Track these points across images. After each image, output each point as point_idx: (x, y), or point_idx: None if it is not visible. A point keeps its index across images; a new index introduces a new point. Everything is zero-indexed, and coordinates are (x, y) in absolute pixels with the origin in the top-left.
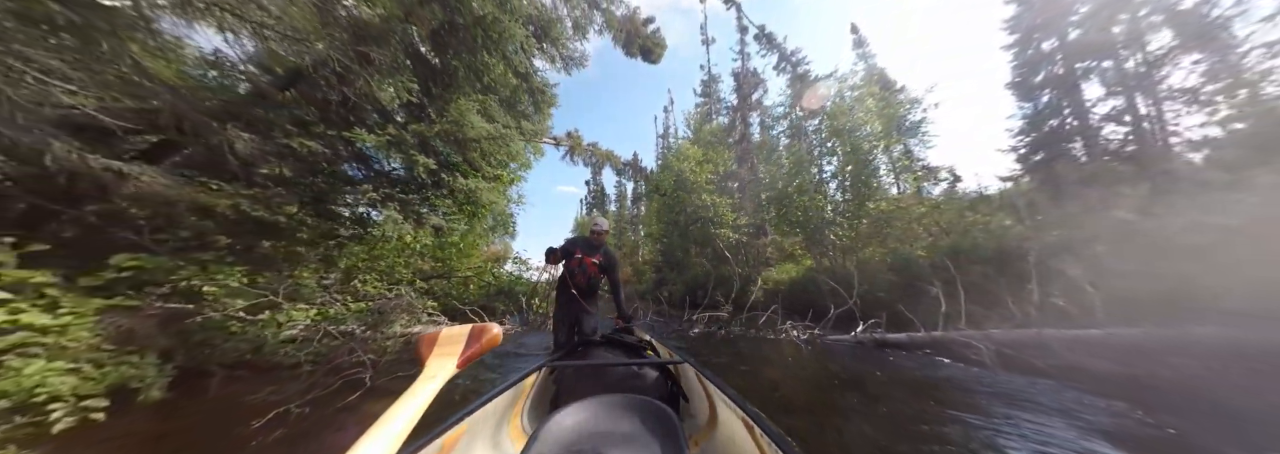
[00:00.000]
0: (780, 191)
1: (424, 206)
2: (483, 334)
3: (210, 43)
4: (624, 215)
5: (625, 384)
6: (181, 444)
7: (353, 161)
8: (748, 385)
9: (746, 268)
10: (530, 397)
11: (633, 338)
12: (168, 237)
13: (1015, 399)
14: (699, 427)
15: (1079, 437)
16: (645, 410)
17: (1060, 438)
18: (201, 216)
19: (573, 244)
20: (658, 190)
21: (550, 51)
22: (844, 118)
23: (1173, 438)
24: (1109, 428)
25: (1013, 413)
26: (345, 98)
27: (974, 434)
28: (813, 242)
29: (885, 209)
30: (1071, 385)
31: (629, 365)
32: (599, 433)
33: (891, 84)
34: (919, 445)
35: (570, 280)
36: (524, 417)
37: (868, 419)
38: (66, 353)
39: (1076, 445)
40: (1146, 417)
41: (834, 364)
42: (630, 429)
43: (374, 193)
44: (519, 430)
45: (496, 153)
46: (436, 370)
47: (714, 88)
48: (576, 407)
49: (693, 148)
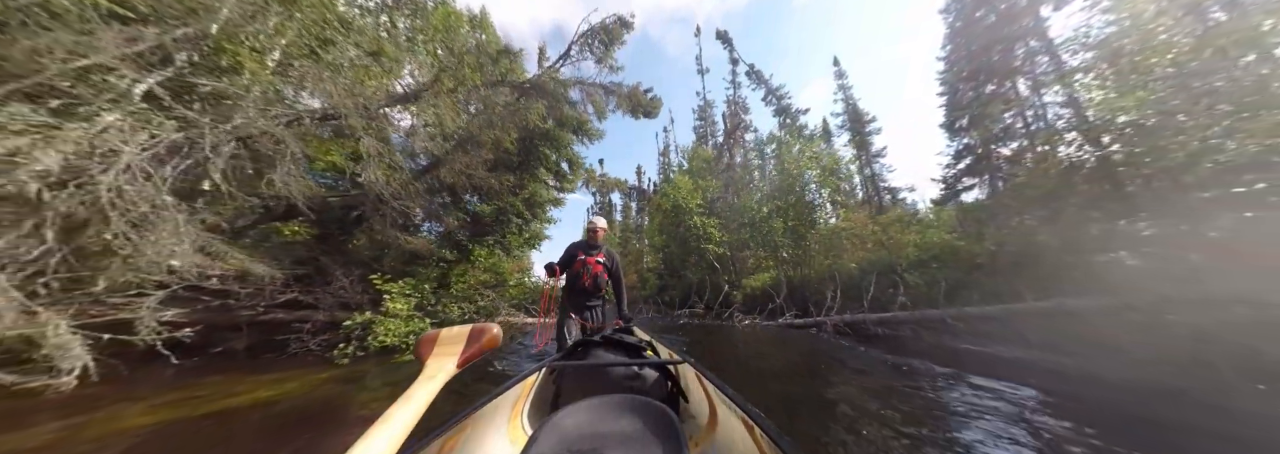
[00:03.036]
0: (748, 219)
1: (502, 241)
2: (482, 334)
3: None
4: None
5: (625, 384)
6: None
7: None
8: (702, 339)
9: (732, 276)
10: (530, 397)
11: (633, 338)
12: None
13: (817, 346)
14: (699, 427)
15: (824, 359)
16: (645, 411)
17: (817, 355)
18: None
19: (573, 249)
20: (659, 209)
21: (582, 138)
22: (791, 166)
23: (893, 362)
24: (847, 358)
25: (813, 349)
26: (469, 180)
27: (788, 357)
28: (772, 257)
29: (823, 233)
30: (847, 339)
31: (629, 365)
32: (599, 433)
33: (862, 115)
34: (758, 359)
35: (577, 283)
36: (524, 417)
37: (745, 349)
38: (395, 319)
39: (820, 360)
40: (880, 353)
41: (750, 336)
42: (630, 429)
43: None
44: (519, 431)
45: (547, 204)
46: (436, 370)
47: (709, 112)
48: (576, 407)
49: (685, 179)
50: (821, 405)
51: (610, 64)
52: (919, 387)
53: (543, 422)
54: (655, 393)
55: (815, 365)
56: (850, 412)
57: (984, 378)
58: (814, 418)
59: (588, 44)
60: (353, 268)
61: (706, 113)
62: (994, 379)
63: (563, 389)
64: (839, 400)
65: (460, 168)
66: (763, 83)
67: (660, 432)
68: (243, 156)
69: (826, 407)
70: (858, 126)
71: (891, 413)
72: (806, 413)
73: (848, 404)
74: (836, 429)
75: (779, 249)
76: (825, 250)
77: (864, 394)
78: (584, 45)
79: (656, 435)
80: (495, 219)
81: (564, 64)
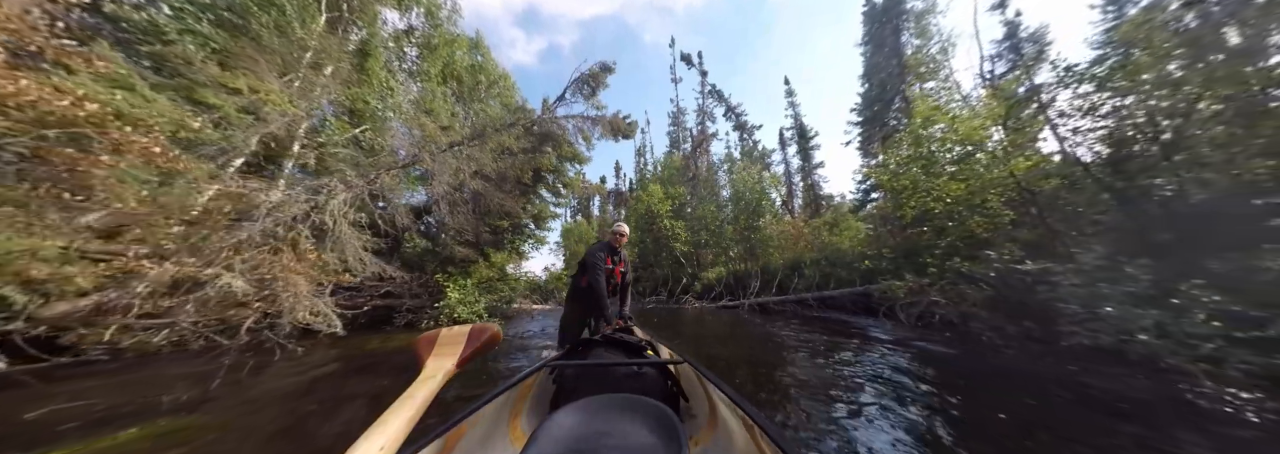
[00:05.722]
0: (706, 225)
1: (513, 246)
2: (482, 333)
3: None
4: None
5: (625, 384)
6: None
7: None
8: (664, 317)
9: (695, 269)
10: (530, 397)
11: (633, 338)
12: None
13: (740, 319)
14: (699, 427)
15: (737, 324)
16: (645, 410)
17: (735, 324)
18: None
19: (599, 253)
20: (633, 210)
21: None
22: (742, 186)
23: (775, 326)
24: (749, 323)
25: (734, 322)
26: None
27: (716, 326)
28: (722, 255)
29: (764, 236)
30: (758, 315)
31: (629, 365)
32: (598, 433)
33: (806, 131)
34: (695, 325)
35: (599, 287)
36: (523, 417)
37: (690, 322)
38: (465, 300)
39: (727, 328)
40: (772, 320)
41: (694, 315)
42: (630, 429)
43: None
44: (519, 431)
45: (548, 218)
46: (435, 370)
47: (681, 118)
48: (576, 407)
49: (657, 187)
50: (729, 344)
51: (595, 104)
52: (783, 334)
53: (542, 421)
54: (655, 392)
55: (731, 328)
56: (741, 346)
57: (819, 331)
58: (725, 348)
59: (579, 88)
60: (412, 268)
61: (679, 118)
62: (820, 331)
63: (562, 389)
64: (737, 341)
65: (497, 200)
66: (723, 100)
67: (660, 431)
68: (372, 196)
69: (730, 343)
70: (803, 142)
71: (763, 348)
72: (721, 348)
73: (740, 342)
74: (736, 350)
75: (728, 249)
76: (763, 250)
77: (752, 338)
78: (577, 90)
79: (656, 435)
80: (511, 229)
81: (559, 106)
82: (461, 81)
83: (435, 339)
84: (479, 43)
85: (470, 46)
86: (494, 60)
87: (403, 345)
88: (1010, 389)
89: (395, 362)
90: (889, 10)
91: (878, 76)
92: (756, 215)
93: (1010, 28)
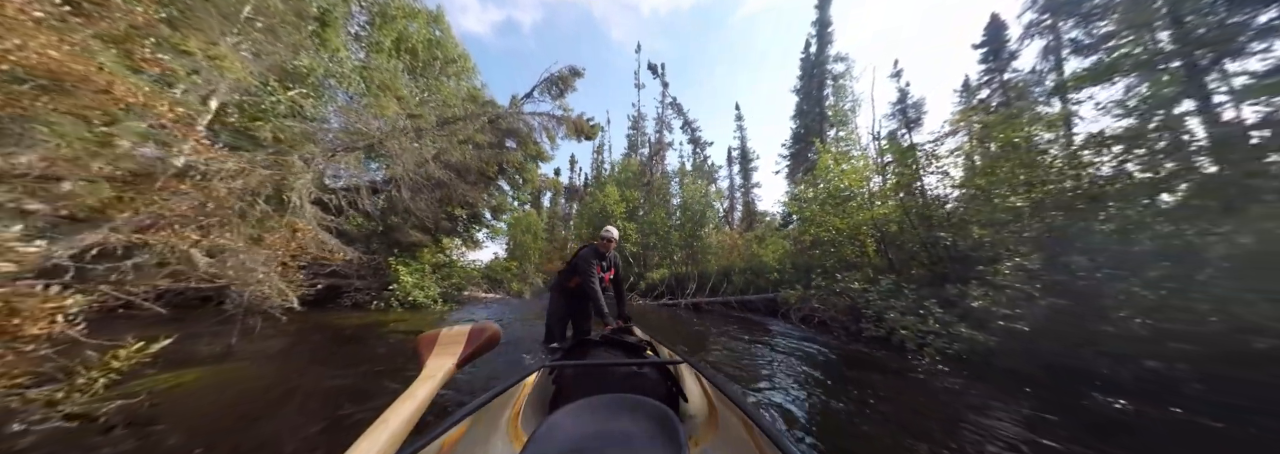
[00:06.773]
0: (655, 230)
1: (466, 235)
2: (482, 333)
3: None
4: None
5: (624, 384)
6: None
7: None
8: None
9: (641, 269)
10: (529, 397)
11: (633, 338)
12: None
13: (677, 316)
14: (699, 427)
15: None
16: (644, 410)
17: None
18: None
19: (589, 257)
20: (588, 208)
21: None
22: (690, 200)
23: (704, 322)
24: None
25: (672, 317)
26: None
27: (658, 319)
28: (667, 258)
29: (705, 244)
30: (694, 314)
31: (628, 365)
32: (598, 433)
33: (749, 153)
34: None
35: (593, 290)
36: (523, 417)
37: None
38: (420, 284)
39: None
40: (703, 318)
41: (638, 310)
42: (629, 429)
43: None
44: (518, 431)
45: (506, 210)
46: (435, 370)
47: (641, 124)
48: (575, 407)
49: (613, 189)
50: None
51: (562, 105)
52: (710, 328)
53: (542, 421)
54: (654, 392)
55: (671, 323)
56: (678, 336)
57: (735, 326)
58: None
59: (547, 88)
60: (359, 247)
61: (639, 124)
62: (737, 326)
63: (561, 389)
64: (675, 332)
65: (461, 190)
66: (681, 113)
67: (660, 431)
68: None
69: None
70: (745, 163)
71: (694, 337)
72: (662, 336)
73: (677, 333)
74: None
75: (673, 253)
76: (703, 256)
77: (686, 330)
78: (545, 90)
79: (656, 435)
80: (469, 218)
81: (527, 102)
82: (416, 55)
83: (435, 339)
84: (439, 17)
85: (429, 20)
86: (454, 38)
87: (359, 322)
88: (831, 363)
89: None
90: (819, 65)
91: (805, 119)
92: (700, 225)
93: (901, 94)
